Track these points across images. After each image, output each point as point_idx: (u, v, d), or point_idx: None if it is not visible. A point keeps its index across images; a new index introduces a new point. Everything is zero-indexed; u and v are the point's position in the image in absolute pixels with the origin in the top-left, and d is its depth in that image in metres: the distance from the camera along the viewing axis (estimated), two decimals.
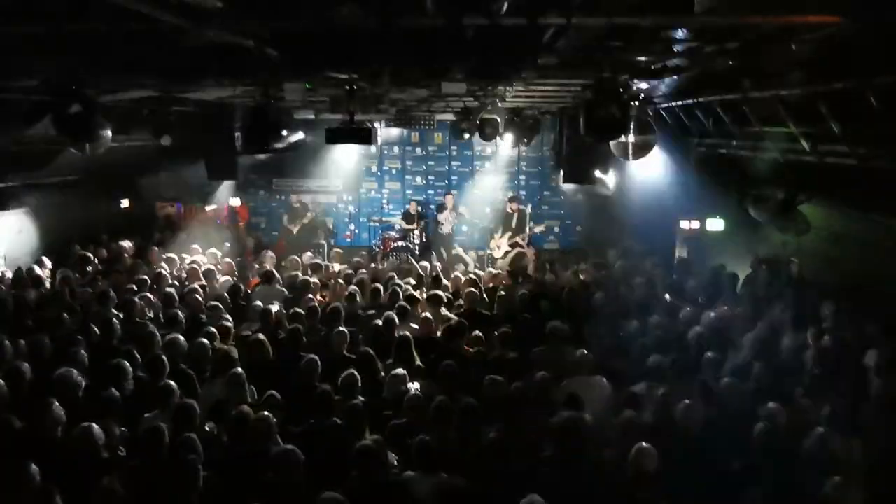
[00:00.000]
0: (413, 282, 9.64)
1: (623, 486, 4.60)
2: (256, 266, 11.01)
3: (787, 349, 6.74)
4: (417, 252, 13.91)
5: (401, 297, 8.41)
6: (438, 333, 7.51)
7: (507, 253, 13.56)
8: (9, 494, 4.19)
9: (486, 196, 15.53)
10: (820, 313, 7.31)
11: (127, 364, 5.91)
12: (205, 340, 6.80)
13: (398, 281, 9.41)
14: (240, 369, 6.08)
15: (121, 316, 7.56)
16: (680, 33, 5.35)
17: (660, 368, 6.19)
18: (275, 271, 9.67)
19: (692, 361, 6.47)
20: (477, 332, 7.22)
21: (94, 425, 4.75)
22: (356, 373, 5.88)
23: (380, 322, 7.45)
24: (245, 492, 4.40)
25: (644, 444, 4.64)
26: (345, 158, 15.01)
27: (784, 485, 4.56)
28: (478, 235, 15.25)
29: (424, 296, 8.75)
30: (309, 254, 12.26)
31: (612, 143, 7.28)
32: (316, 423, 5.37)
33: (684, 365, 6.34)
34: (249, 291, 9.32)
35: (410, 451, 4.87)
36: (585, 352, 6.44)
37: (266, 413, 5.14)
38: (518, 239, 13.75)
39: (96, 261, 10.28)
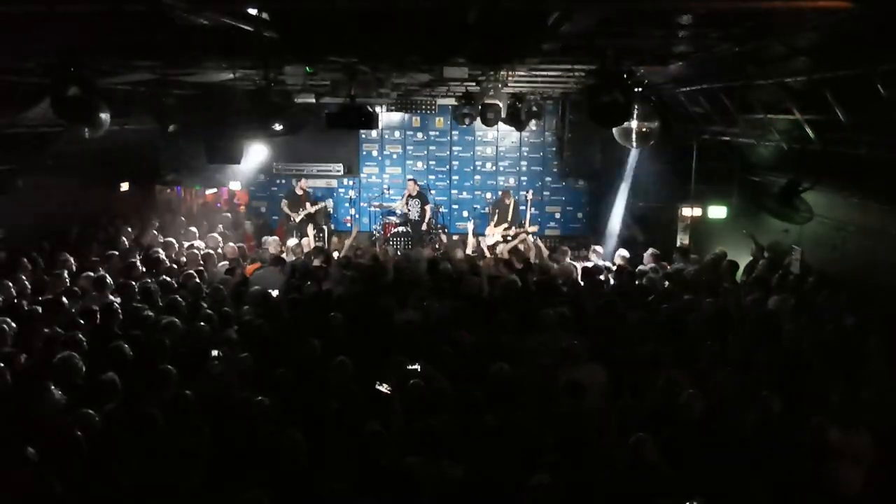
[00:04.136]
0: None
1: (622, 475, 4.59)
2: (260, 250, 10.97)
3: (788, 336, 6.72)
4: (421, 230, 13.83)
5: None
6: None
7: (497, 243, 13.26)
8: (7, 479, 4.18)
9: (487, 182, 15.48)
10: (821, 301, 7.29)
11: (126, 348, 5.90)
12: (204, 325, 6.77)
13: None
14: (243, 354, 6.08)
15: (118, 301, 7.52)
16: (684, 18, 5.30)
17: (659, 356, 6.17)
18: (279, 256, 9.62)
19: (692, 348, 6.45)
20: None
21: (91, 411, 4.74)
22: (348, 359, 5.85)
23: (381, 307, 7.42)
24: (246, 477, 4.39)
25: (642, 433, 4.63)
26: (346, 143, 14.87)
27: (784, 473, 4.56)
28: (478, 221, 15.18)
29: None
30: (310, 238, 12.19)
31: (615, 129, 7.23)
32: (317, 408, 5.36)
33: (684, 352, 6.32)
34: (247, 276, 9.28)
35: (412, 436, 4.86)
36: (576, 342, 6.39)
37: (263, 398, 5.13)
38: (516, 230, 13.46)
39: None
